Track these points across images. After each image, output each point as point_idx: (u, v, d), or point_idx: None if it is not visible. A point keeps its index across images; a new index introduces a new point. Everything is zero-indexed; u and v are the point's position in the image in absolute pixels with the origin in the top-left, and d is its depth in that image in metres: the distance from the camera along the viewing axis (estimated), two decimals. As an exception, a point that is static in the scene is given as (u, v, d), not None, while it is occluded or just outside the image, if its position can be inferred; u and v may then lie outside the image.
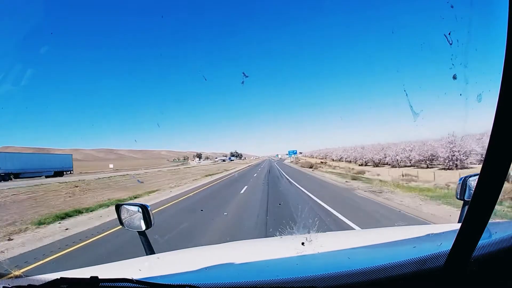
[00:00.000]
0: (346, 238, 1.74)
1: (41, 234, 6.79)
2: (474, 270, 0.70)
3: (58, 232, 7.02)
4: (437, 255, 0.72)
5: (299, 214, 6.16)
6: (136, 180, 22.75)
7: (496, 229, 0.86)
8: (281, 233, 1.62)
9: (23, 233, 6.93)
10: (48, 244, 5.97)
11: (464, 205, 1.57)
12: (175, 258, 1.53)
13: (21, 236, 6.66)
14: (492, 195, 0.59)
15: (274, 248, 1.55)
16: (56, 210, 9.65)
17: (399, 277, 0.73)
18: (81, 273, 1.04)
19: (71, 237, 6.43)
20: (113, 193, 15.21)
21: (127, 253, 4.36)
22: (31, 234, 6.84)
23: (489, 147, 0.56)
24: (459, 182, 1.57)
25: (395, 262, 0.74)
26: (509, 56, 0.50)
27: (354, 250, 1.34)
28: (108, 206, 10.35)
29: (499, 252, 0.69)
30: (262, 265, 1.23)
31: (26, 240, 6.34)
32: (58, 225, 7.77)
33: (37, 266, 4.55)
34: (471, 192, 1.50)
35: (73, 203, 11.37)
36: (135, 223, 1.61)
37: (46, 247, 5.71)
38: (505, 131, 0.54)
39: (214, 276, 1.13)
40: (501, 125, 0.53)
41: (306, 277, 0.76)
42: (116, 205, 1.72)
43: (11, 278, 0.79)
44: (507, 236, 0.70)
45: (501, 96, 0.52)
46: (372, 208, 7.97)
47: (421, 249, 1.19)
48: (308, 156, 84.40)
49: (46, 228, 7.42)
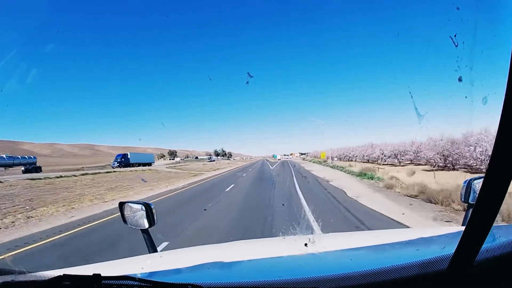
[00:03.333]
0: (349, 239, 1.73)
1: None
2: (478, 273, 0.69)
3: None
4: (440, 258, 0.72)
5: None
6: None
7: (500, 232, 0.86)
8: (284, 233, 1.62)
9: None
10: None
11: (468, 208, 1.55)
12: (178, 257, 1.54)
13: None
14: (496, 198, 0.58)
15: (277, 248, 1.55)
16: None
17: (402, 280, 0.72)
18: (84, 270, 1.04)
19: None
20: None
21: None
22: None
23: (494, 149, 0.55)
24: (464, 185, 1.56)
25: (398, 264, 0.74)
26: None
27: (357, 252, 1.33)
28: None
29: (503, 256, 0.69)
30: (264, 265, 1.24)
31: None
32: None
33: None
34: (475, 195, 1.49)
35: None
36: (138, 221, 1.62)
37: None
38: (511, 133, 0.53)
39: (216, 276, 1.14)
40: (506, 127, 0.53)
41: (308, 278, 0.76)
42: (120, 203, 1.73)
43: (14, 274, 0.79)
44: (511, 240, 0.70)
45: (507, 98, 0.51)
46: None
47: (425, 252, 1.18)
48: (314, 156, 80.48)
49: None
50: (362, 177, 17.93)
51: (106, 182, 20.81)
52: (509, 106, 0.52)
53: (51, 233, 7.06)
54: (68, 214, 9.71)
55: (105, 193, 15.05)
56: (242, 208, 9.22)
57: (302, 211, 7.83)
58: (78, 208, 10.81)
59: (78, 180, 20.35)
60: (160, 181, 22.01)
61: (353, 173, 20.72)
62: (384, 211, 7.79)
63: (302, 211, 7.82)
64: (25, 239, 6.63)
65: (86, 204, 11.73)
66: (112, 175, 25.38)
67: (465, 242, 0.66)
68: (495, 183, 0.58)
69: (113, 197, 13.53)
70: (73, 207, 10.96)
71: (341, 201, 9.65)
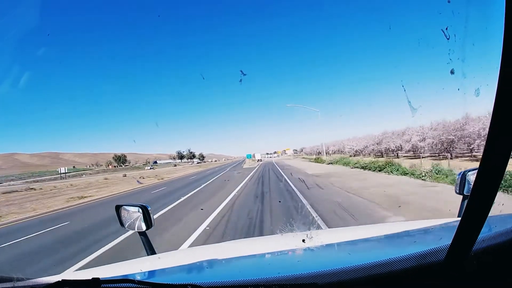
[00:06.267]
0: (346, 234, 1.75)
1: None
2: (474, 264, 0.70)
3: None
4: (438, 249, 0.73)
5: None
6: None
7: (495, 223, 0.87)
8: (281, 230, 1.63)
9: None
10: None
11: (463, 199, 1.57)
12: (176, 258, 1.54)
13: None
14: (491, 189, 0.59)
15: (275, 245, 1.55)
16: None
17: (400, 272, 0.73)
18: (83, 274, 1.04)
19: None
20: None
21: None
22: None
23: (488, 141, 0.56)
24: (458, 177, 1.58)
25: (396, 257, 0.75)
26: (507, 50, 0.50)
27: (354, 246, 1.35)
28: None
29: (499, 245, 0.70)
30: (263, 263, 1.24)
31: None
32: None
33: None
34: (470, 187, 1.51)
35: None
36: (136, 224, 1.61)
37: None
38: (504, 125, 0.54)
39: (216, 275, 1.14)
40: (499, 119, 0.53)
41: (307, 273, 0.77)
42: (116, 206, 1.72)
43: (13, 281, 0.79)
44: (507, 230, 0.71)
45: (499, 90, 0.52)
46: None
47: (422, 243, 1.20)
48: (308, 153, 73.81)
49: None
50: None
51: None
52: (502, 98, 0.52)
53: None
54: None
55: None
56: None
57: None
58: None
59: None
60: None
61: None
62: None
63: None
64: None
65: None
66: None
67: (461, 233, 0.67)
68: (489, 174, 0.58)
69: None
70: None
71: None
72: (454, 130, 21.57)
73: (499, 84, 0.52)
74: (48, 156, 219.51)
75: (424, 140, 25.43)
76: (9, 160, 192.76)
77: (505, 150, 0.55)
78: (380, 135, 35.29)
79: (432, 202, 7.62)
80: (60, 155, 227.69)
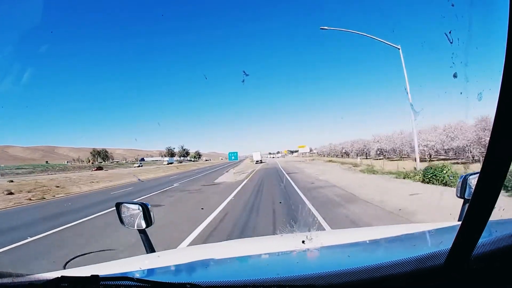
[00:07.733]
0: (346, 236, 1.74)
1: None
2: (475, 268, 0.70)
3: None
4: (437, 253, 0.72)
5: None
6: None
7: (496, 227, 0.87)
8: (281, 231, 1.63)
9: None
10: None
11: (464, 203, 1.57)
12: (176, 256, 1.54)
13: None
14: (492, 194, 0.59)
15: (274, 246, 1.55)
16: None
17: (399, 276, 0.73)
18: (82, 271, 1.04)
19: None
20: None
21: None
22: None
23: (490, 145, 0.56)
24: (460, 180, 1.57)
25: (396, 260, 0.74)
26: (510, 55, 0.50)
27: (354, 248, 1.34)
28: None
29: (499, 250, 0.70)
30: (262, 263, 1.24)
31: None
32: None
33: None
34: (471, 191, 1.50)
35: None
36: (136, 221, 1.61)
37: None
38: (506, 130, 0.54)
39: (215, 274, 1.14)
40: (501, 123, 0.53)
41: (306, 275, 0.76)
42: (116, 204, 1.72)
43: (12, 276, 0.79)
44: (507, 235, 0.70)
45: (502, 94, 0.52)
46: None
47: (422, 247, 1.19)
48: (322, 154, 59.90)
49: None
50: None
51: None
52: (504, 102, 0.52)
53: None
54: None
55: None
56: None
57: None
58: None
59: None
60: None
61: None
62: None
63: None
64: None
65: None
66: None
67: (461, 237, 0.67)
68: (491, 178, 0.58)
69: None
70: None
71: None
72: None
73: (501, 88, 0.51)
74: (42, 149, 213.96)
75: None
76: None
77: (507, 154, 0.55)
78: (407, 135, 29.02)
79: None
80: (55, 149, 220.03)
